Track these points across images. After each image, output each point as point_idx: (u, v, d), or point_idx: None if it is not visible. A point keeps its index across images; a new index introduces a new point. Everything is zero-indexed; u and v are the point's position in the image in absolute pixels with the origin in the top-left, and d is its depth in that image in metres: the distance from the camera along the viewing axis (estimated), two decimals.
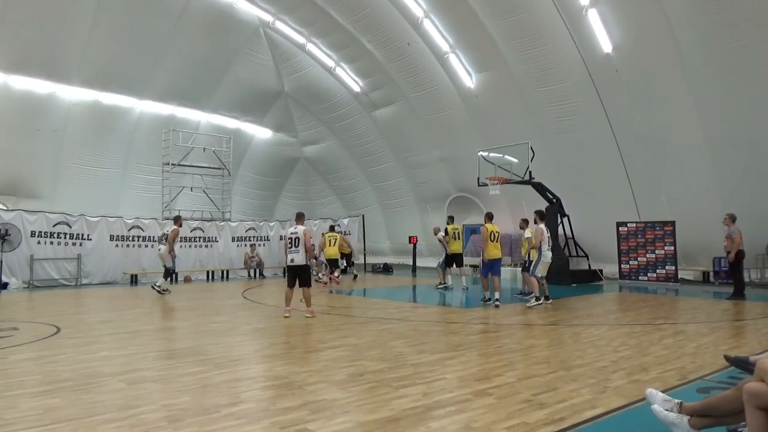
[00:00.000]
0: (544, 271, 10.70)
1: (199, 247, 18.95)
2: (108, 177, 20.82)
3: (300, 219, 9.60)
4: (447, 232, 14.33)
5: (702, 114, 14.21)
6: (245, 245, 20.10)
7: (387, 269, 22.33)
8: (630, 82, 15.14)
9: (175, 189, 20.39)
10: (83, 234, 16.20)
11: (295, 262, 9.02)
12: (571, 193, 17.06)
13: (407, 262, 22.92)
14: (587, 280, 16.18)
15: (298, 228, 9.16)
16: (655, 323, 8.40)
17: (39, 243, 15.40)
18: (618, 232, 16.40)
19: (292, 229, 9.17)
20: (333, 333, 7.62)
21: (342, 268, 17.63)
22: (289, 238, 9.07)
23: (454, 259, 14.41)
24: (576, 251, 16.85)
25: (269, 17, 21.28)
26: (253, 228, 20.73)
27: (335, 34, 20.51)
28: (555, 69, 16.28)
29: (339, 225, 21.46)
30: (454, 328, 8.27)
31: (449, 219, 15.23)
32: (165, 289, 13.17)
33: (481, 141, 18.61)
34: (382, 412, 4.05)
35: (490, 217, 11.29)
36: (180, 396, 4.48)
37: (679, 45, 13.73)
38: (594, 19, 14.69)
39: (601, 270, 16.87)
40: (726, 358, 5.45)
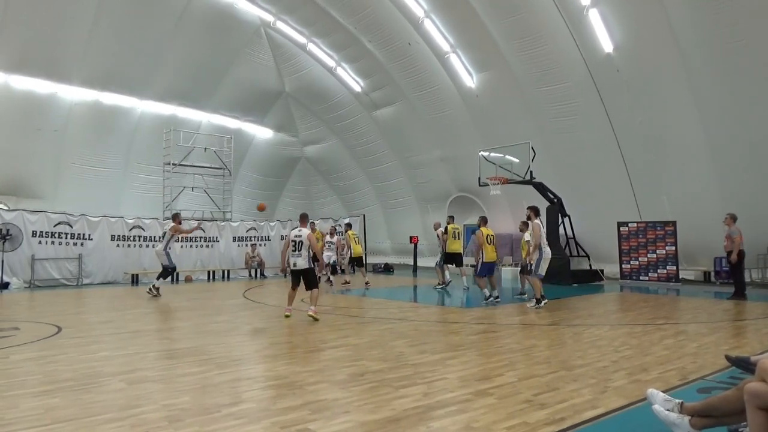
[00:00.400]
0: (544, 269, 10.57)
1: (200, 247, 18.95)
2: (109, 177, 20.83)
3: (304, 220, 9.22)
4: (447, 230, 14.34)
5: (703, 114, 14.20)
6: (246, 245, 20.11)
7: (388, 269, 22.36)
8: (631, 82, 15.13)
9: (176, 189, 20.41)
10: (84, 234, 16.21)
11: (298, 266, 8.67)
12: (572, 193, 17.06)
13: (408, 262, 22.91)
14: (588, 280, 16.18)
15: (302, 231, 8.77)
16: (656, 323, 8.39)
17: (40, 243, 15.40)
18: (619, 232, 16.38)
19: (295, 232, 8.78)
20: (334, 333, 7.62)
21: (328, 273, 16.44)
22: (293, 240, 8.71)
23: (453, 259, 14.40)
24: (577, 251, 16.85)
25: (270, 17, 21.28)
26: (254, 228, 20.74)
27: (336, 34, 20.52)
28: (556, 69, 16.27)
29: (340, 224, 21.45)
30: (454, 328, 8.26)
31: (449, 219, 15.22)
32: (156, 290, 12.52)
33: (482, 141, 18.61)
34: (382, 412, 4.05)
35: (485, 221, 11.48)
36: (180, 396, 4.48)
37: (680, 45, 13.72)
38: (595, 19, 14.68)
39: (602, 270, 16.87)
40: (727, 358, 5.45)
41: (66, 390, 4.65)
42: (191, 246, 18.67)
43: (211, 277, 18.80)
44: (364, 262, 17.07)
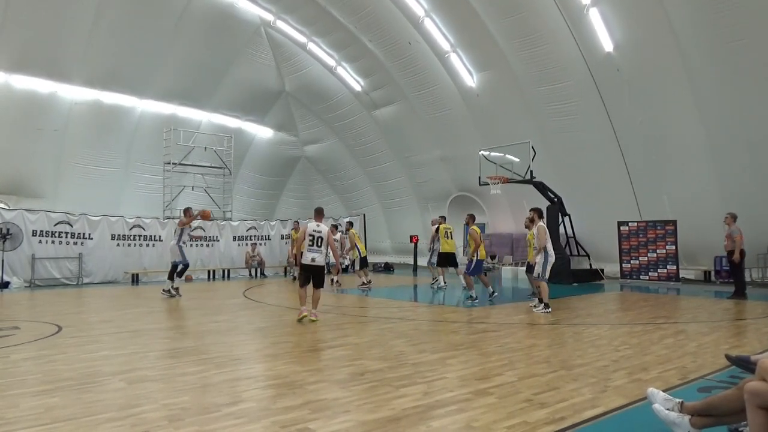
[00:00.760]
0: (548, 271, 10.09)
1: (201, 247, 18.96)
2: (109, 176, 20.85)
3: (320, 215, 8.93)
4: (438, 230, 13.90)
5: (703, 113, 14.19)
6: (246, 244, 20.12)
7: (388, 268, 22.37)
8: (631, 81, 15.12)
9: (177, 188, 20.41)
10: (84, 233, 16.22)
11: (316, 262, 8.45)
12: (572, 193, 17.05)
13: (408, 261, 22.92)
14: (588, 279, 16.18)
15: (321, 227, 8.57)
16: (656, 322, 8.39)
17: (40, 242, 15.41)
18: (619, 231, 16.38)
19: (313, 226, 8.51)
20: (334, 332, 7.62)
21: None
22: (311, 235, 8.42)
23: (447, 259, 13.83)
24: (577, 250, 16.85)
25: (270, 17, 21.29)
26: (254, 227, 20.75)
27: (336, 33, 20.52)
28: (556, 68, 16.27)
29: (340, 224, 21.43)
30: (454, 327, 8.26)
31: (441, 218, 14.81)
32: (173, 290, 12.34)
33: (482, 140, 18.61)
34: (382, 411, 4.05)
35: (473, 219, 11.47)
36: (180, 395, 4.48)
37: (681, 44, 13.71)
38: (595, 18, 14.68)
39: (602, 269, 16.87)
40: (727, 357, 5.42)
41: (66, 389, 4.65)
42: (191, 245, 18.63)
43: (212, 277, 18.81)
44: (367, 262, 16.72)
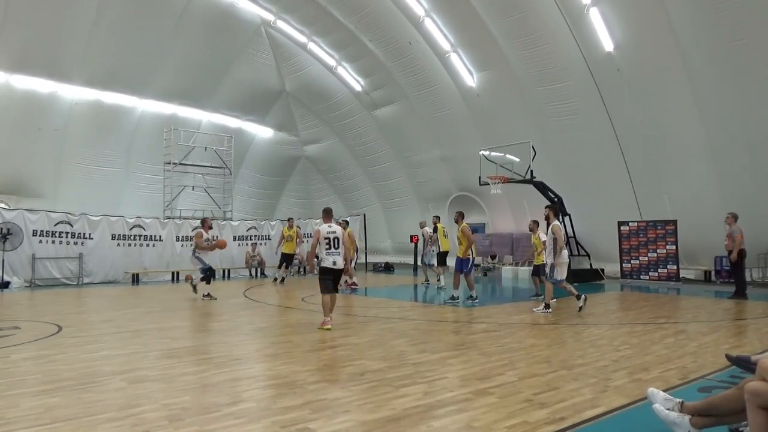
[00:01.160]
0: (564, 273, 9.91)
1: None
2: (109, 176, 20.84)
3: (330, 216, 8.57)
4: (438, 230, 14.35)
5: (703, 113, 14.18)
6: (246, 244, 20.10)
7: (388, 268, 22.36)
8: (631, 81, 15.12)
9: (177, 188, 20.42)
10: (85, 233, 16.21)
11: (338, 265, 8.07)
12: (573, 193, 17.05)
13: (408, 261, 22.90)
14: (589, 279, 16.18)
15: (334, 227, 8.23)
16: (657, 322, 8.38)
17: (41, 242, 15.40)
18: (619, 231, 16.38)
19: (327, 228, 8.17)
20: (334, 332, 7.61)
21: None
22: (326, 238, 8.07)
23: (443, 258, 14.49)
24: (577, 250, 16.84)
25: (271, 16, 21.29)
26: (255, 227, 20.74)
27: (336, 33, 20.51)
28: (556, 68, 16.26)
29: (340, 224, 21.44)
30: (455, 327, 8.27)
31: (436, 218, 15.01)
32: (205, 294, 11.98)
33: (483, 140, 18.60)
34: (383, 411, 4.05)
35: (462, 216, 11.48)
36: (181, 395, 4.48)
37: (681, 44, 13.70)
38: (595, 18, 14.67)
39: (603, 269, 16.87)
40: (727, 357, 5.42)
41: (66, 389, 4.65)
42: (190, 245, 18.62)
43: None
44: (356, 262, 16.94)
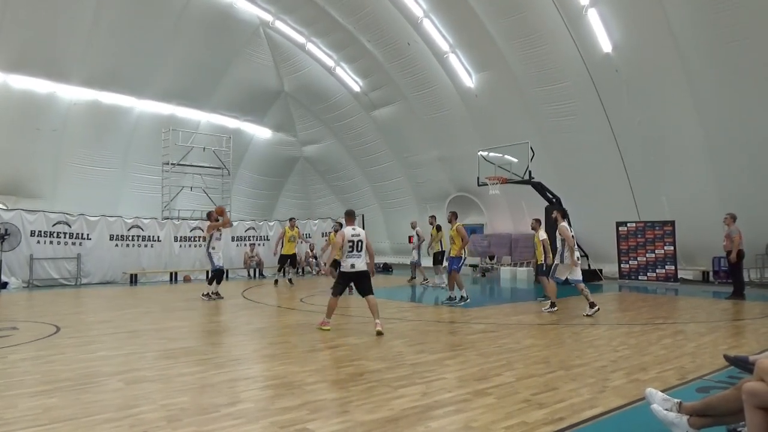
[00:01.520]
0: (565, 273, 9.89)
1: (199, 247, 18.91)
2: (108, 176, 20.79)
3: (353, 218, 8.35)
4: (440, 229, 14.56)
5: (702, 114, 14.20)
6: (245, 245, 20.10)
7: (387, 269, 22.35)
8: (630, 82, 15.13)
9: (175, 189, 20.38)
10: (83, 233, 16.20)
11: (357, 267, 7.89)
12: (571, 193, 17.04)
13: (407, 261, 22.86)
14: (587, 279, 16.07)
15: (358, 229, 8.05)
16: (655, 323, 8.40)
17: (39, 242, 15.39)
18: (618, 231, 16.39)
19: (351, 231, 7.97)
20: (332, 332, 7.61)
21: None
22: (350, 240, 7.87)
23: (438, 258, 14.73)
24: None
25: (269, 17, 21.27)
26: (253, 228, 20.73)
27: (335, 33, 20.51)
28: (555, 69, 16.27)
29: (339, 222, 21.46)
30: (453, 327, 8.27)
31: (431, 218, 15.22)
32: (213, 294, 11.84)
33: (481, 141, 18.61)
34: (381, 411, 4.05)
35: (456, 216, 11.54)
36: (179, 396, 4.48)
37: (680, 45, 13.72)
38: (594, 19, 14.68)
39: (601, 269, 16.87)
40: (725, 357, 5.45)
41: (64, 390, 4.64)
42: (189, 246, 18.67)
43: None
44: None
